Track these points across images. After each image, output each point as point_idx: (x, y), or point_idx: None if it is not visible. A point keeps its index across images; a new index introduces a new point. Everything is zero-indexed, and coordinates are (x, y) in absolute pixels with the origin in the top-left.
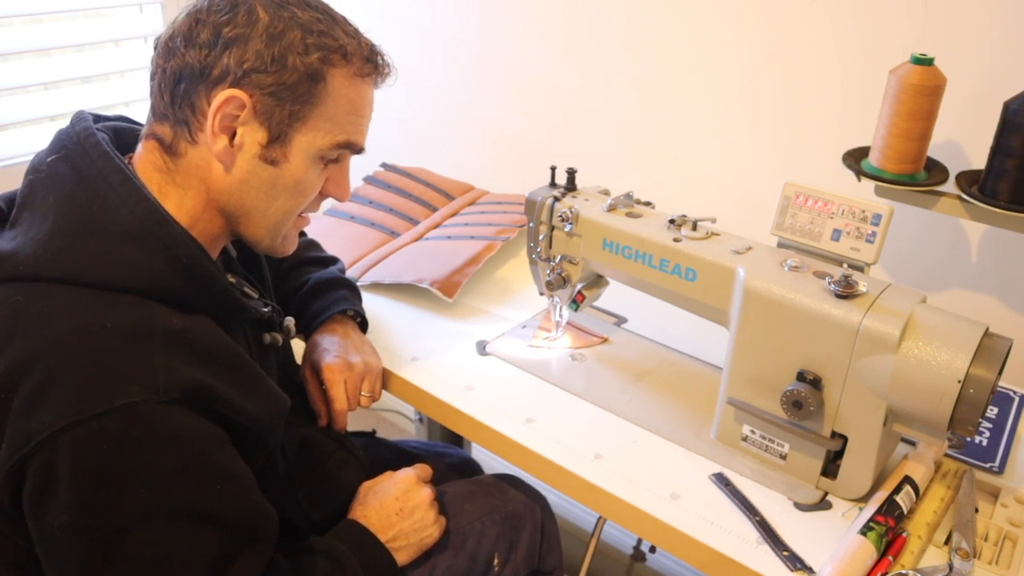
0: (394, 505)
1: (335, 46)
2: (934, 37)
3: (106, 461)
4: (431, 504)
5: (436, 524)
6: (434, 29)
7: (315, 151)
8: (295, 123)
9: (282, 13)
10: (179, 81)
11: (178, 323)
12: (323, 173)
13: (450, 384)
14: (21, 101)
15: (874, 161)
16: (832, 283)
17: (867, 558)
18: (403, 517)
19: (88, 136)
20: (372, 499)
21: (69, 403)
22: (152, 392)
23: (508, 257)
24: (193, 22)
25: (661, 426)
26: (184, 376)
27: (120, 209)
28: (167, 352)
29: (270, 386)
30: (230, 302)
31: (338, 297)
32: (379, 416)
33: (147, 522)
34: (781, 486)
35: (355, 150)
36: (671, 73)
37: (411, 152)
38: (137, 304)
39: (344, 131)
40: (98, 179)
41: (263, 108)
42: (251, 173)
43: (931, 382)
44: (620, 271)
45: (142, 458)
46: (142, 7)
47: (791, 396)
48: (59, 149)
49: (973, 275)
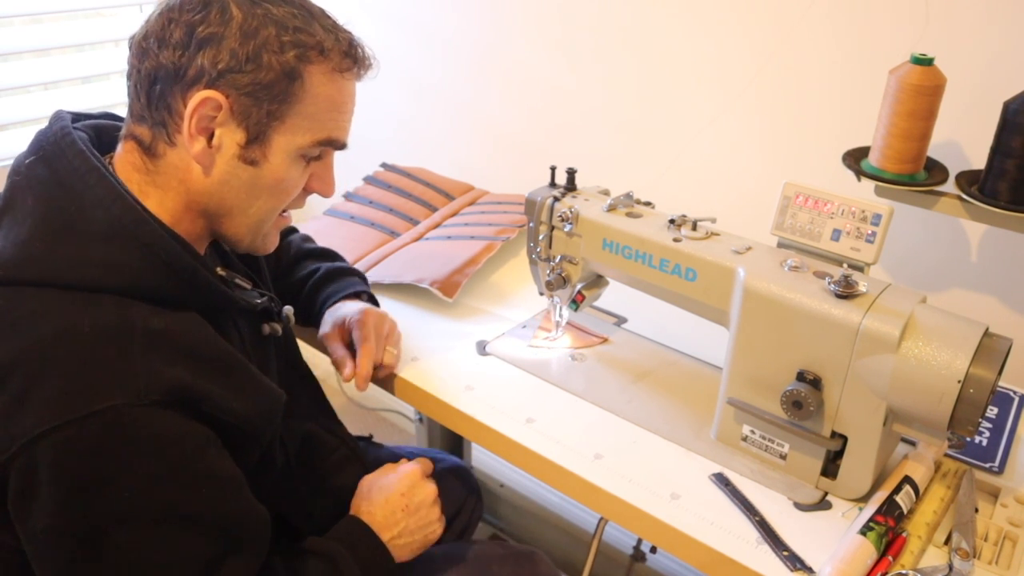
0: (399, 501)
1: (312, 42)
2: (934, 37)
3: (87, 465)
4: (435, 501)
5: (440, 521)
6: (434, 29)
7: (295, 149)
8: (273, 122)
9: (255, 10)
10: (154, 83)
11: (160, 323)
12: (305, 171)
13: (450, 384)
14: (21, 101)
15: (874, 161)
16: (832, 283)
17: (867, 558)
18: (408, 514)
19: (64, 136)
20: (377, 495)
21: (49, 407)
22: (133, 395)
23: (508, 257)
24: (166, 21)
25: (661, 426)
26: (167, 377)
27: (96, 209)
28: (148, 353)
29: (262, 382)
30: (216, 296)
31: (351, 283)
32: (379, 416)
33: (130, 526)
34: (781, 486)
35: (337, 146)
36: (671, 72)
37: (411, 152)
38: (117, 304)
39: (324, 128)
40: (74, 179)
41: (240, 108)
42: (230, 174)
43: (931, 382)
44: (620, 271)
45: (124, 462)
46: (142, 7)
47: (791, 396)
48: (37, 150)
49: (973, 275)
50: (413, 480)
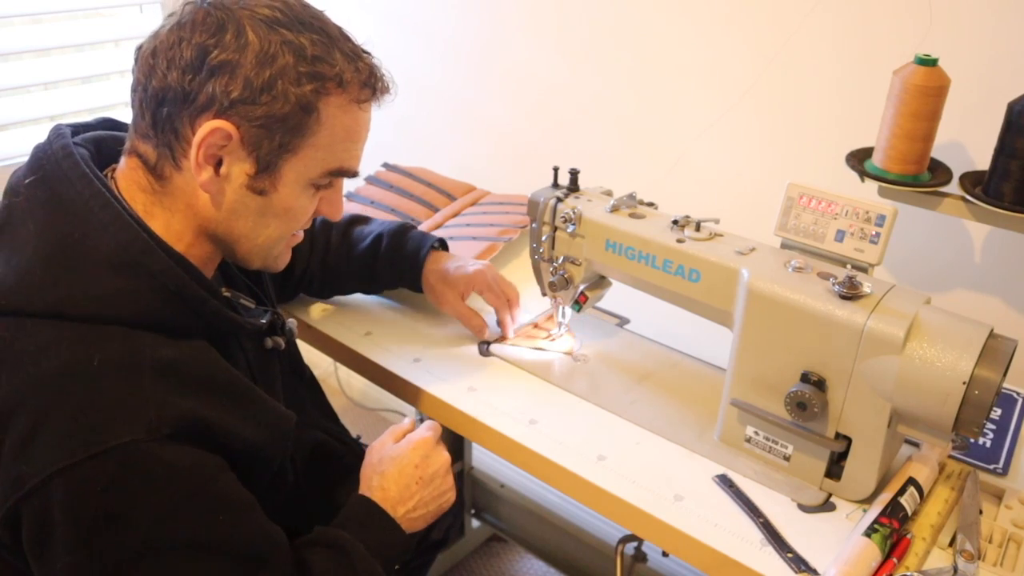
0: (414, 474)
1: (331, 74)
2: (938, 38)
3: (102, 502)
4: (449, 469)
5: (452, 489)
6: (434, 29)
7: (306, 180)
8: (285, 154)
9: (272, 36)
10: (161, 104)
11: (169, 353)
12: (315, 196)
13: (452, 385)
14: (21, 101)
15: (877, 162)
16: (836, 284)
17: (871, 560)
18: (423, 485)
19: (67, 157)
20: (389, 466)
21: (60, 446)
22: (144, 430)
23: (510, 258)
24: (176, 40)
25: (664, 427)
26: (177, 409)
27: (102, 236)
28: (158, 385)
29: (272, 406)
30: (223, 324)
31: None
32: (379, 416)
33: (150, 559)
34: (785, 488)
35: (348, 175)
36: (675, 72)
37: (411, 152)
38: (125, 336)
39: (337, 159)
40: (78, 204)
41: (251, 139)
42: (238, 203)
43: (936, 383)
44: (623, 272)
45: (139, 496)
46: (142, 7)
47: (795, 397)
48: (36, 170)
49: (977, 276)
50: (426, 449)
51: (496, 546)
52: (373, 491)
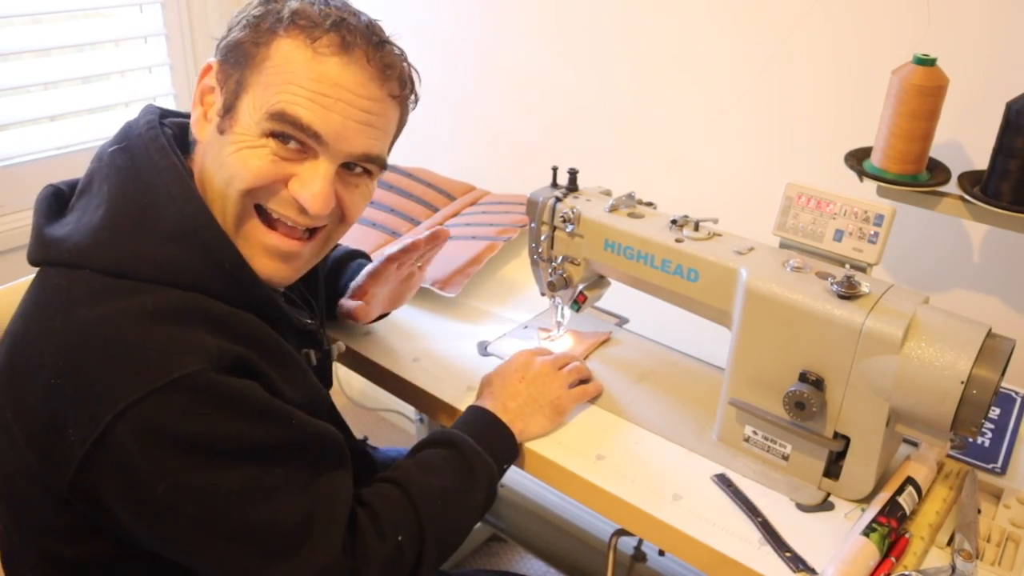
0: (515, 375)
1: (288, 11)
2: (936, 37)
3: (179, 428)
4: (554, 372)
5: (564, 387)
6: (434, 29)
7: (255, 122)
8: (241, 92)
9: None
10: None
11: (221, 310)
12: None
13: (451, 385)
14: (21, 101)
15: (876, 162)
16: (834, 284)
17: (870, 559)
18: (528, 383)
19: (149, 130)
20: (496, 379)
21: (127, 382)
22: (206, 361)
23: (510, 257)
24: None
25: (663, 427)
26: (232, 351)
27: (169, 206)
28: (211, 332)
29: (312, 379)
30: (271, 308)
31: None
32: (379, 416)
33: (237, 468)
34: (783, 487)
35: (291, 121)
36: (673, 72)
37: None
38: (180, 294)
39: (280, 99)
40: (151, 174)
41: (222, 74)
42: (209, 144)
43: (934, 383)
44: (622, 272)
45: (213, 417)
46: (142, 7)
47: (793, 397)
48: (121, 140)
49: (976, 276)
50: (525, 358)
51: (496, 546)
52: (483, 400)
